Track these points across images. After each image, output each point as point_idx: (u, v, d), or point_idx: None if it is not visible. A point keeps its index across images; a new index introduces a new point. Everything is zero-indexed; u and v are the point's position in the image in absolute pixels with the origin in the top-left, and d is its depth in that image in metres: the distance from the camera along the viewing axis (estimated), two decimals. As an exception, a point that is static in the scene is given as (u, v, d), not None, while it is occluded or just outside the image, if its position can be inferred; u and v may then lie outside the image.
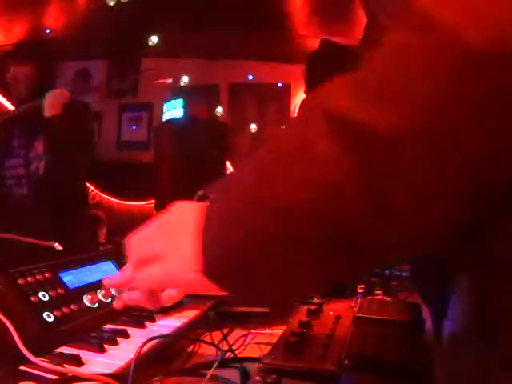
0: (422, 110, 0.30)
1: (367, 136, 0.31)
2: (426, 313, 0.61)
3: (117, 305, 0.49)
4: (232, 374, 0.49)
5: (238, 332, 0.65)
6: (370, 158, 0.31)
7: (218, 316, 0.75)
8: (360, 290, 0.78)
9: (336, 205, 0.32)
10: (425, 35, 0.31)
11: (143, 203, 3.77)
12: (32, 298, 0.54)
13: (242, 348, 0.60)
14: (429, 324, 0.57)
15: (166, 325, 0.62)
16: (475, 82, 0.30)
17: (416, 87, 0.31)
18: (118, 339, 0.54)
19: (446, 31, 0.30)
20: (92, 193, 3.86)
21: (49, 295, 0.56)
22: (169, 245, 0.43)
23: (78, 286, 0.63)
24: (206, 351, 0.57)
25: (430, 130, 0.30)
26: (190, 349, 0.59)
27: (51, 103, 1.87)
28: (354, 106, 0.32)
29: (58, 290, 0.59)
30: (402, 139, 0.30)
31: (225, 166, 2.57)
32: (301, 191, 0.34)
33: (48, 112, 1.85)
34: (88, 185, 2.10)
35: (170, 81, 3.84)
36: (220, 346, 0.50)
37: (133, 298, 0.47)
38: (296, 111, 4.02)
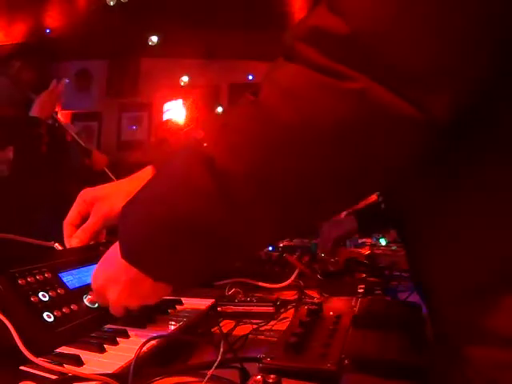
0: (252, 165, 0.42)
1: (225, 175, 0.43)
2: (426, 313, 0.61)
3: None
4: (232, 374, 0.49)
5: (238, 332, 0.65)
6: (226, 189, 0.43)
7: (219, 316, 0.75)
8: (360, 290, 0.78)
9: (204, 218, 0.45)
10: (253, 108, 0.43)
11: (143, 203, 3.76)
12: (32, 298, 0.54)
13: (242, 348, 0.60)
14: (429, 324, 0.57)
15: (167, 325, 0.61)
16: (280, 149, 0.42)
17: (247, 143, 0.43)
18: (118, 339, 0.54)
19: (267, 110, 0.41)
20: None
21: (49, 295, 0.56)
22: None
23: (77, 286, 0.63)
24: (206, 351, 0.57)
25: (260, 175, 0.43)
26: (189, 349, 0.59)
27: (42, 104, 1.86)
28: (217, 154, 0.43)
29: (58, 290, 0.59)
30: (244, 181, 0.43)
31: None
32: (181, 207, 0.46)
33: (36, 112, 1.84)
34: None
35: None
36: (220, 346, 0.50)
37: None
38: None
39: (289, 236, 0.49)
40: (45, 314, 0.54)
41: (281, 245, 1.45)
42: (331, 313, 0.62)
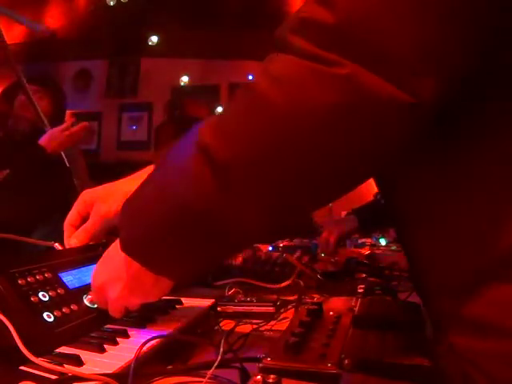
0: (249, 151, 0.43)
1: (219, 165, 0.44)
2: (426, 313, 0.61)
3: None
4: (232, 374, 0.49)
5: (238, 332, 0.65)
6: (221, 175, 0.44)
7: (219, 316, 0.75)
8: (360, 290, 0.78)
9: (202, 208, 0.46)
10: (248, 95, 0.45)
11: (143, 203, 3.76)
12: (32, 298, 0.54)
13: (242, 348, 0.60)
14: (429, 323, 0.57)
15: (167, 325, 0.61)
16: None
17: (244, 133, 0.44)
18: (118, 339, 0.54)
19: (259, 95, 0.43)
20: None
21: (49, 295, 0.56)
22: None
23: (77, 286, 0.63)
24: (206, 351, 0.57)
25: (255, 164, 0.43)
26: (190, 349, 0.59)
27: (51, 137, 1.84)
28: (212, 142, 0.44)
29: (58, 290, 0.59)
30: (238, 168, 0.43)
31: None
32: (180, 197, 0.47)
33: (43, 142, 1.81)
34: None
35: None
36: (220, 345, 0.50)
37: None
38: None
39: (286, 224, 0.49)
40: (45, 314, 0.54)
41: (281, 245, 1.46)
42: (331, 313, 0.62)
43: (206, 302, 0.75)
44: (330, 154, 0.42)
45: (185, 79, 4.02)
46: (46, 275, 0.59)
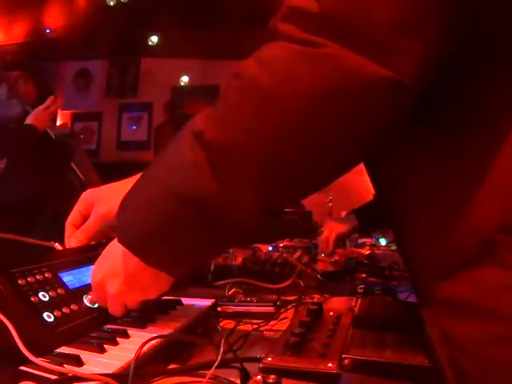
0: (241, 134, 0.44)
1: (211, 148, 0.45)
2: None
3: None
4: (232, 374, 0.49)
5: (238, 332, 0.65)
6: (214, 157, 0.45)
7: (219, 316, 0.75)
8: (360, 290, 0.78)
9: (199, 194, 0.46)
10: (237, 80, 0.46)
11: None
12: (32, 298, 0.54)
13: (242, 348, 0.60)
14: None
15: (167, 325, 0.61)
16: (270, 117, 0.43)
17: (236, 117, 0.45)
18: (118, 339, 0.54)
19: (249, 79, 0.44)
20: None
21: (49, 295, 0.56)
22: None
23: (78, 286, 0.63)
24: (206, 351, 0.57)
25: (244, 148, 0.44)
26: (190, 349, 0.59)
27: (36, 117, 1.88)
28: (205, 127, 0.45)
29: (58, 290, 0.59)
30: (231, 151, 0.44)
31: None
32: (176, 186, 0.47)
33: (30, 120, 1.86)
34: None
35: None
36: (220, 345, 0.50)
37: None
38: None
39: (280, 207, 0.51)
40: (45, 314, 0.54)
41: (281, 245, 1.46)
42: (331, 313, 0.62)
43: (206, 302, 0.75)
44: (317, 133, 0.43)
45: (185, 79, 4.02)
46: (46, 275, 0.59)
